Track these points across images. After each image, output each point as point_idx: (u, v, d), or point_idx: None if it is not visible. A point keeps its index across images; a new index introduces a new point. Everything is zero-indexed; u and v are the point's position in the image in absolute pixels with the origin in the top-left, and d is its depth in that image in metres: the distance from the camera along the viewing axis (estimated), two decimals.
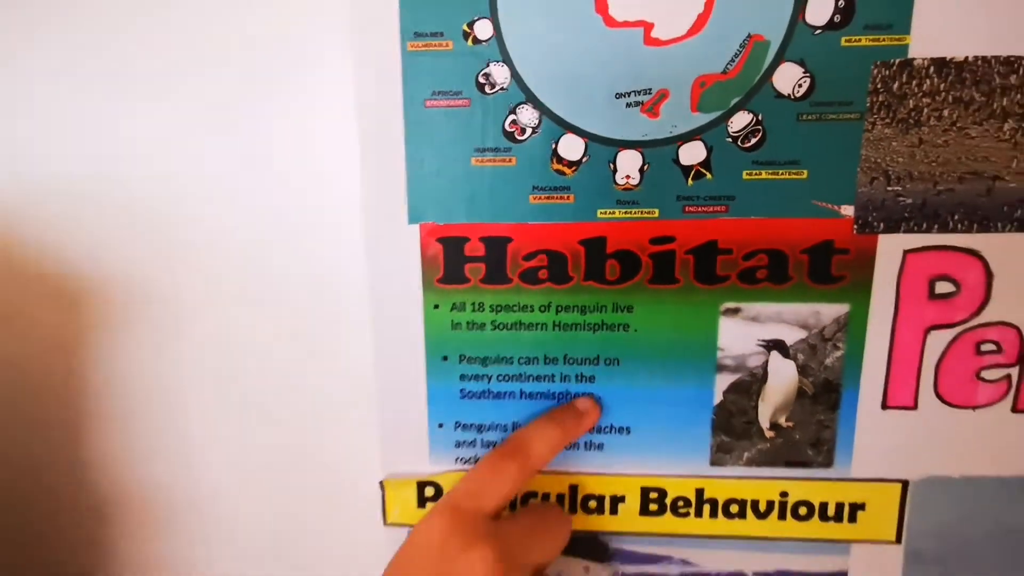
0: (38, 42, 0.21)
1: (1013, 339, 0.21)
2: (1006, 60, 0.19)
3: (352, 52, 0.20)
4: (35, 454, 0.25)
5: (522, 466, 0.20)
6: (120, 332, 0.23)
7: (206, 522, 0.25)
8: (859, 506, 0.22)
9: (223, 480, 0.25)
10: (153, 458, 0.24)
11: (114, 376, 0.24)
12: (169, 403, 0.24)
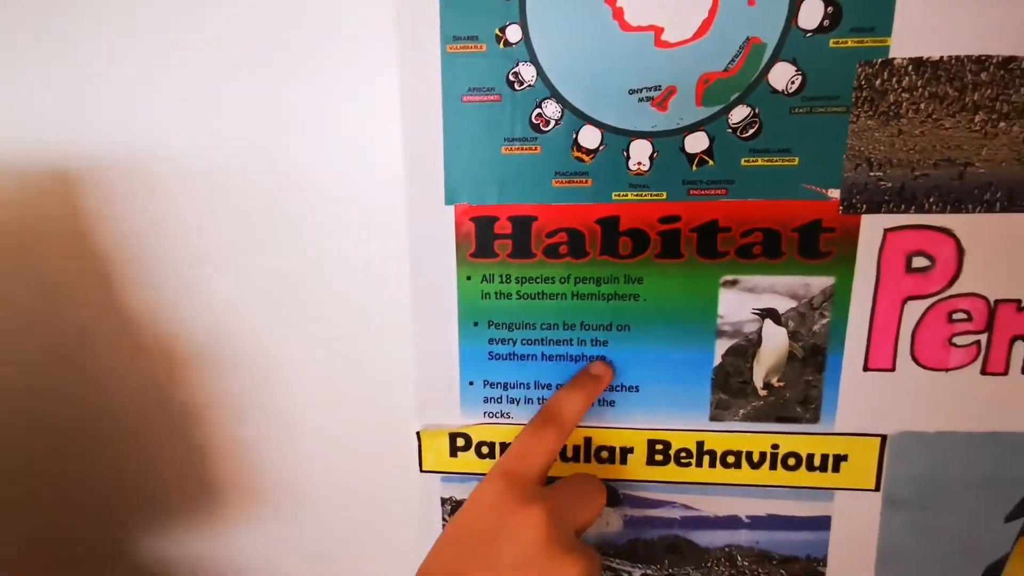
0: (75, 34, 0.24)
1: (982, 309, 0.23)
2: (977, 59, 0.21)
3: (397, 53, 0.23)
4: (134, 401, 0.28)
5: (558, 430, 0.23)
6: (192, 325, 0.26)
7: (262, 462, 0.28)
8: (842, 457, 0.25)
9: (280, 432, 0.28)
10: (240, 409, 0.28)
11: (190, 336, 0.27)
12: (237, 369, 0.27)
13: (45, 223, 0.26)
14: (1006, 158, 0.22)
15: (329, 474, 0.28)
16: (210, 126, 0.24)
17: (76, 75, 0.24)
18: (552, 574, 0.21)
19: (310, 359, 0.27)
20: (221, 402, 0.27)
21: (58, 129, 0.25)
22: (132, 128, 0.25)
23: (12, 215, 0.26)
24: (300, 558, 0.29)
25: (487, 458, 0.26)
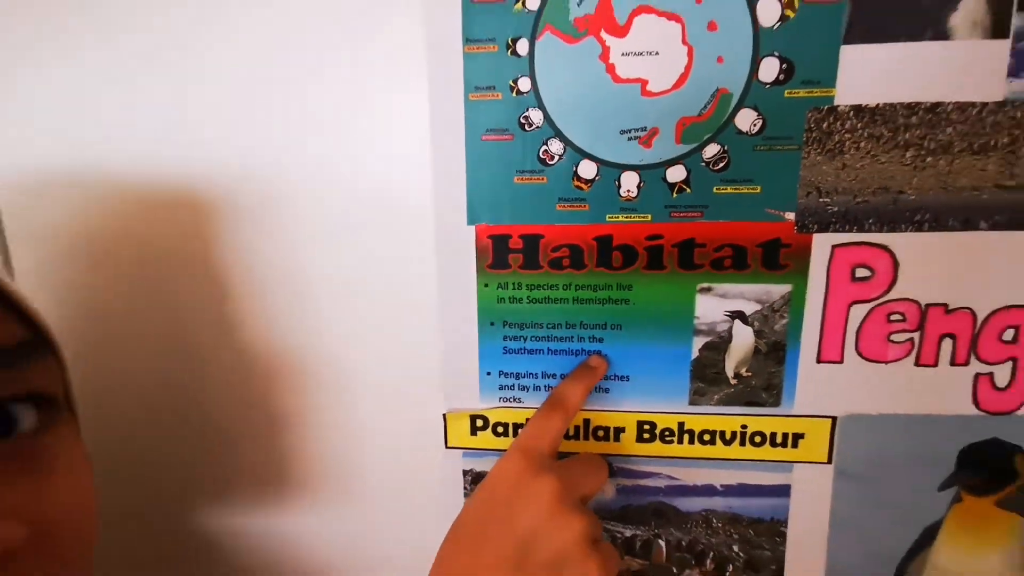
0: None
1: (915, 311, 0.28)
2: (908, 105, 0.26)
3: (429, 99, 0.27)
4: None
5: (564, 413, 0.28)
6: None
7: (312, 430, 0.33)
8: (799, 435, 0.30)
9: (332, 418, 0.33)
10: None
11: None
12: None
13: (168, 241, 0.31)
14: (933, 187, 0.27)
15: (371, 453, 0.33)
16: (293, 159, 0.29)
17: (200, 102, 0.29)
18: (561, 530, 0.26)
19: (356, 358, 0.31)
20: (292, 400, 0.32)
21: (179, 151, 0.30)
22: (238, 151, 0.30)
23: (139, 232, 0.31)
24: (344, 524, 0.34)
25: (502, 436, 0.31)
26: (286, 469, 0.34)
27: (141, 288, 0.31)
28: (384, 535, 0.34)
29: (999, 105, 0.25)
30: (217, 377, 0.32)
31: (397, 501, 0.33)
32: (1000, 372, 0.28)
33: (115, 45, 0.29)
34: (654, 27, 0.26)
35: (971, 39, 0.25)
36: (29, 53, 0.29)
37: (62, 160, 0.30)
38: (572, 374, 0.30)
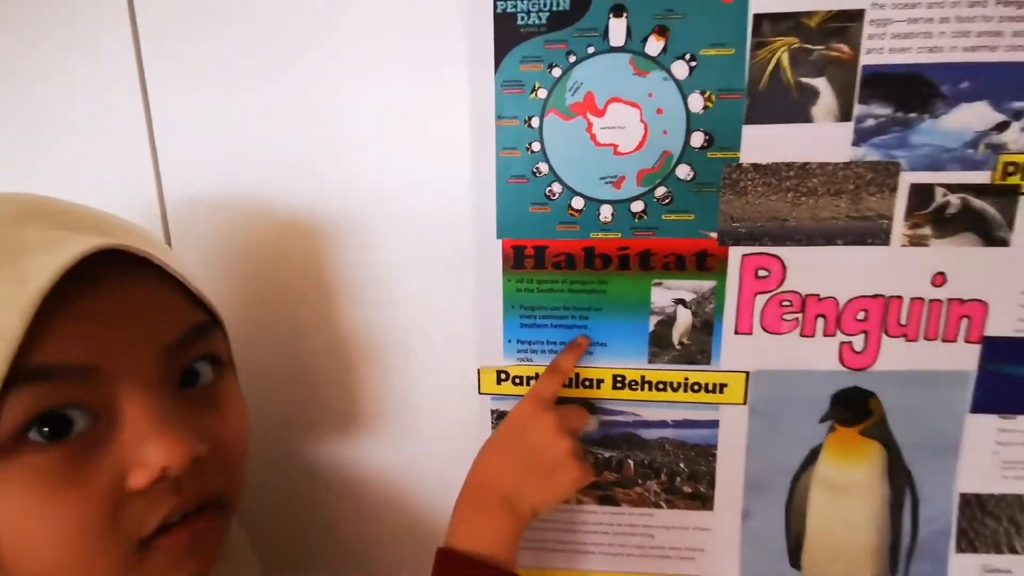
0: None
1: (798, 299, 0.41)
2: (786, 164, 0.39)
3: (471, 155, 0.41)
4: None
5: (560, 376, 0.42)
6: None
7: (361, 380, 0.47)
8: (724, 385, 0.43)
9: (398, 375, 0.46)
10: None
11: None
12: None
13: (288, 248, 0.44)
14: (805, 217, 0.40)
15: (424, 398, 0.46)
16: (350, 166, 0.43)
17: (313, 145, 0.43)
18: (556, 446, 0.39)
19: (415, 332, 0.45)
20: (369, 362, 0.46)
21: (298, 183, 0.43)
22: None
23: (269, 242, 0.44)
24: (401, 448, 0.48)
25: (519, 385, 0.45)
26: (362, 410, 0.47)
27: (269, 285, 0.45)
28: (431, 457, 0.48)
29: (846, 164, 0.39)
30: (318, 346, 0.46)
31: (441, 433, 0.47)
32: (857, 341, 0.42)
33: (257, 97, 0.42)
34: (622, 111, 0.39)
35: (827, 122, 0.38)
36: (193, 99, 0.43)
37: (217, 187, 0.44)
38: (565, 348, 0.43)
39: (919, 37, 0.37)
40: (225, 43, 0.41)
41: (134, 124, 0.43)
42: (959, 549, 0.44)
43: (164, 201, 0.45)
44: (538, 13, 0.38)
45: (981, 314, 0.40)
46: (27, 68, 0.43)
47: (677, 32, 0.38)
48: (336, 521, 0.50)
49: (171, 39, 0.42)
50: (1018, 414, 0.42)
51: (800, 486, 0.45)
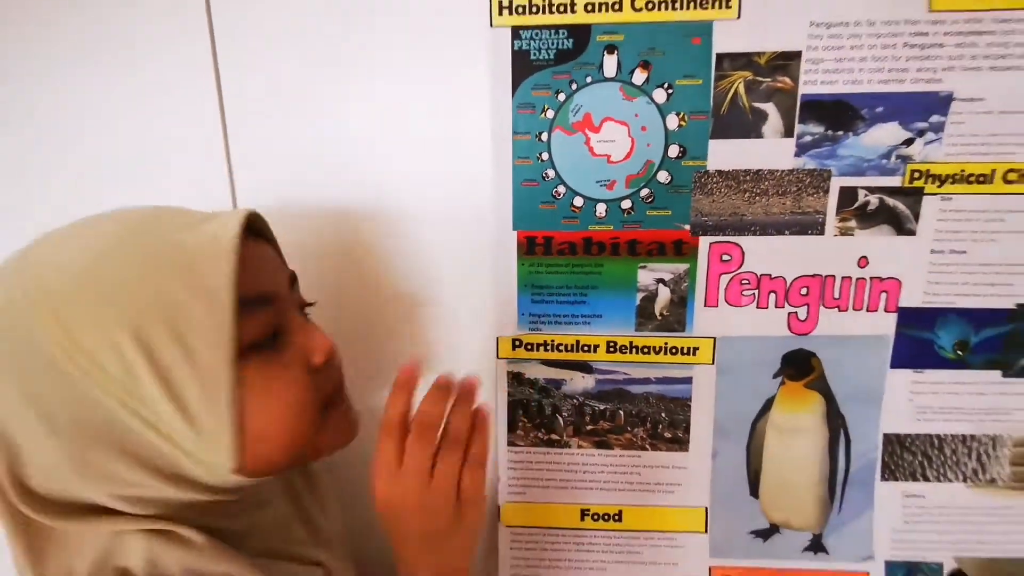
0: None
1: (754, 279, 0.52)
2: (743, 170, 0.49)
3: (493, 163, 0.51)
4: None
5: (392, 433, 0.42)
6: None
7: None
8: (696, 348, 0.54)
9: (437, 341, 0.56)
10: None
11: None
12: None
13: (342, 242, 0.54)
14: (759, 213, 0.50)
15: (452, 362, 0.56)
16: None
17: (358, 151, 0.52)
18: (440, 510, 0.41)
19: (447, 304, 0.55)
20: (410, 328, 0.56)
21: (350, 188, 0.53)
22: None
23: (328, 239, 0.54)
24: None
25: (530, 350, 0.55)
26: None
27: (330, 275, 0.55)
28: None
29: (790, 171, 0.49)
30: (367, 317, 0.56)
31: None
32: (801, 312, 0.52)
33: (322, 120, 0.52)
34: (613, 128, 0.49)
35: (774, 138, 0.49)
36: (276, 116, 0.52)
37: (289, 193, 0.53)
38: (392, 392, 0.43)
39: (844, 72, 0.47)
40: (288, 77, 0.51)
41: (213, 140, 0.52)
42: (883, 478, 0.55)
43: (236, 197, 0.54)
44: (547, 50, 0.48)
45: (896, 289, 0.51)
46: (115, 95, 0.52)
47: (657, 66, 0.48)
48: None
49: (248, 68, 0.51)
50: (927, 368, 0.53)
51: (757, 430, 0.55)
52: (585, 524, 0.57)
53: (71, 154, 0.53)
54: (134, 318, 0.32)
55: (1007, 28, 0.46)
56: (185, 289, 0.33)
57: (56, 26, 0.51)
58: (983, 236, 0.49)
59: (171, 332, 0.32)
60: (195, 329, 0.33)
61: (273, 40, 0.50)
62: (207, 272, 0.33)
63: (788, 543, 0.56)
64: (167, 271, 0.33)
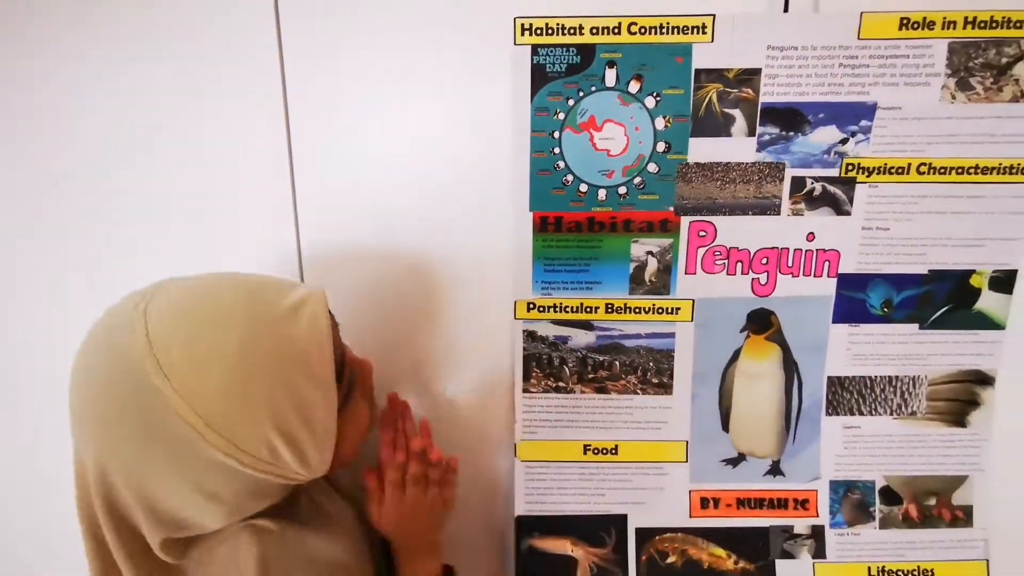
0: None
1: (725, 251, 0.64)
2: (715, 162, 0.62)
3: (514, 156, 0.62)
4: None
5: None
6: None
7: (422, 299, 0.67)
8: (678, 308, 0.66)
9: (454, 316, 0.67)
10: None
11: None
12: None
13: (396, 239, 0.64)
14: (728, 197, 0.62)
15: (479, 321, 0.67)
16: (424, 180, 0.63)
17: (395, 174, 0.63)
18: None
19: (471, 278, 0.66)
20: (444, 298, 0.66)
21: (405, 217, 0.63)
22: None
23: (373, 232, 0.64)
24: (455, 355, 0.68)
25: (543, 312, 0.66)
26: (439, 331, 0.68)
27: (377, 254, 0.65)
28: (478, 359, 0.68)
29: (752, 163, 0.61)
30: (410, 291, 0.66)
31: (486, 344, 0.68)
32: (762, 278, 0.65)
33: (375, 145, 0.62)
34: (613, 128, 0.61)
35: (740, 137, 0.61)
36: (333, 150, 0.62)
37: (348, 189, 0.63)
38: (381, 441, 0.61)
39: (794, 86, 0.59)
40: (349, 92, 0.61)
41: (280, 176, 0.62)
42: (827, 413, 0.68)
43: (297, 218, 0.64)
44: (559, 64, 0.60)
45: (836, 259, 0.64)
46: (188, 130, 0.62)
47: (648, 79, 0.60)
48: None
49: (317, 106, 0.61)
50: (861, 323, 0.66)
51: (728, 376, 0.67)
52: (587, 457, 0.69)
53: (149, 182, 0.63)
54: (275, 415, 0.42)
55: (918, 52, 0.59)
56: (306, 381, 0.44)
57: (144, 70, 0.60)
58: (902, 216, 0.63)
59: (299, 416, 0.44)
60: (314, 410, 0.44)
61: (339, 64, 0.61)
62: (316, 362, 0.44)
63: (753, 468, 0.69)
64: (290, 370, 0.43)
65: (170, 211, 0.64)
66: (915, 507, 0.69)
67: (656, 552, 0.69)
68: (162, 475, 0.41)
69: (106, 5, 0.60)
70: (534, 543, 0.69)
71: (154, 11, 0.60)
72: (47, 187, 0.64)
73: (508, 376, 0.67)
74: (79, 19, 0.60)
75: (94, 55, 0.61)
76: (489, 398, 0.68)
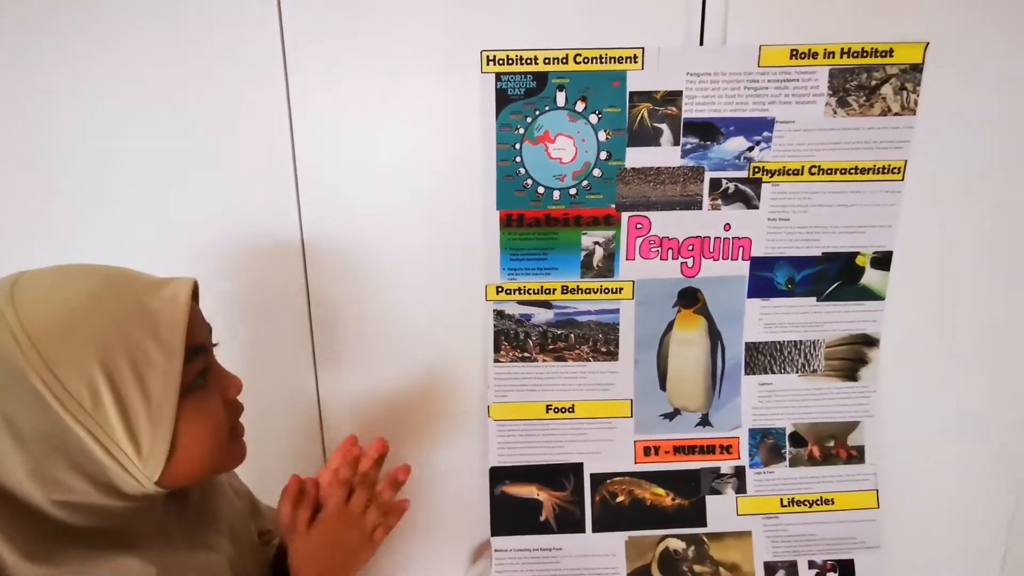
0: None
1: (659, 240, 0.77)
2: (649, 167, 0.75)
3: (483, 163, 0.74)
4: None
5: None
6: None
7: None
8: (621, 288, 0.79)
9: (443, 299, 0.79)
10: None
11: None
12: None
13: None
14: (660, 196, 0.76)
15: (453, 304, 0.79)
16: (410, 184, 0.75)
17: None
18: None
19: (442, 269, 0.78)
20: (422, 286, 0.78)
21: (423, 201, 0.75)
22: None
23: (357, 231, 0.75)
24: (433, 333, 0.80)
25: (509, 295, 0.78)
26: (413, 314, 0.80)
27: (374, 244, 0.77)
28: (454, 337, 0.81)
29: (678, 167, 0.75)
30: (397, 269, 0.78)
31: (462, 324, 0.80)
32: (689, 262, 0.78)
33: (368, 137, 0.74)
34: (564, 140, 0.74)
35: (668, 147, 0.74)
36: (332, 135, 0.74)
37: (349, 185, 0.75)
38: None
39: (709, 104, 0.73)
40: (347, 104, 0.72)
41: (281, 151, 0.73)
42: (746, 373, 0.82)
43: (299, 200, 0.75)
44: (519, 88, 0.72)
45: (748, 245, 0.78)
46: (191, 109, 0.72)
47: (591, 100, 0.73)
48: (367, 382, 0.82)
49: (318, 88, 0.72)
50: (770, 297, 0.80)
51: (664, 344, 0.81)
52: (549, 416, 0.82)
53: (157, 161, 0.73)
54: (106, 357, 0.39)
55: (806, 77, 0.73)
56: (149, 339, 0.41)
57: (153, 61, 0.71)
58: (799, 209, 0.77)
59: (133, 371, 0.40)
60: (152, 371, 0.41)
61: (341, 80, 0.72)
62: (166, 328, 0.42)
63: (686, 421, 0.83)
64: (135, 323, 0.41)
65: (174, 212, 0.75)
66: (818, 448, 0.84)
67: (607, 493, 0.83)
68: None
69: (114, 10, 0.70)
70: (505, 489, 0.82)
71: (164, 19, 0.70)
72: (54, 188, 0.74)
73: (481, 348, 0.80)
74: (83, 25, 0.70)
75: (100, 59, 0.71)
76: (465, 367, 0.80)
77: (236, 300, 0.77)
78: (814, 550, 0.83)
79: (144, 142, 0.72)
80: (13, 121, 0.71)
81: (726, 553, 0.83)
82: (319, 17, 0.70)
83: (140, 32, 0.69)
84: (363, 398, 0.82)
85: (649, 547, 0.83)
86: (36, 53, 0.69)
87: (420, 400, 0.82)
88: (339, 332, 0.79)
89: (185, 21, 0.69)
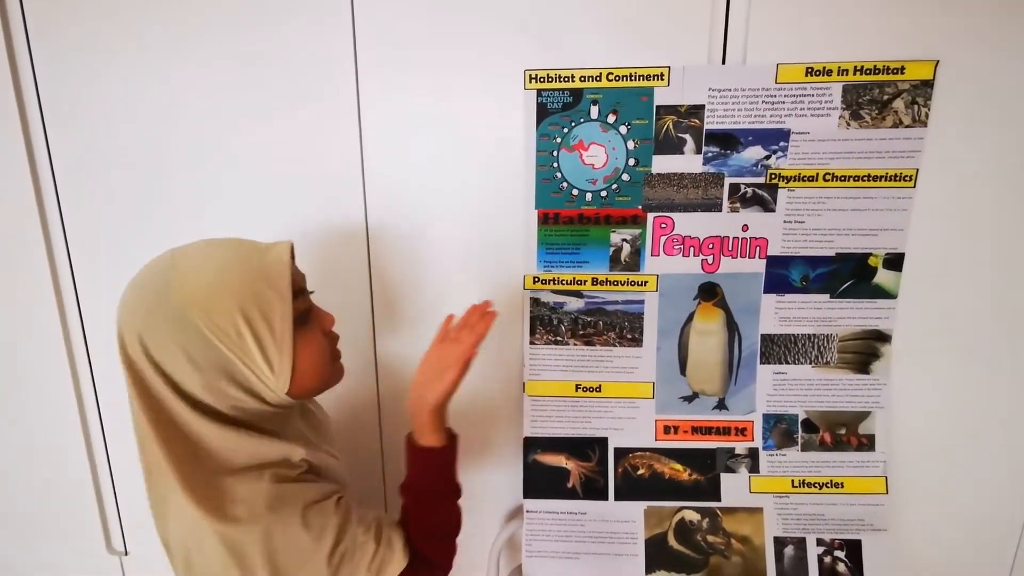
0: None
1: (681, 239, 0.86)
2: (674, 173, 0.83)
3: (524, 169, 0.84)
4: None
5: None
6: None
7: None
8: (646, 282, 0.87)
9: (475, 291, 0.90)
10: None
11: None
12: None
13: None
14: (683, 199, 0.84)
15: (493, 294, 0.90)
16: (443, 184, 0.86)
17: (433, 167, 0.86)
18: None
19: (489, 259, 0.88)
20: (471, 275, 0.89)
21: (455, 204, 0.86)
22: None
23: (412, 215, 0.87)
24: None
25: (545, 284, 0.88)
26: (469, 295, 0.91)
27: (431, 238, 0.88)
28: (497, 322, 0.91)
29: (700, 174, 0.83)
30: (447, 260, 0.89)
31: (503, 310, 0.90)
32: (709, 259, 0.86)
33: (428, 142, 0.85)
34: (597, 148, 0.83)
35: (691, 155, 0.82)
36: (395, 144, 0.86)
37: (414, 180, 0.87)
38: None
39: (730, 116, 0.81)
40: (411, 115, 0.84)
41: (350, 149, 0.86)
42: (761, 362, 0.89)
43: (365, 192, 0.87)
44: (557, 103, 0.82)
45: (765, 245, 0.86)
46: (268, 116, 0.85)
47: (622, 113, 0.82)
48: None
49: (386, 98, 0.84)
50: (785, 293, 0.87)
51: (684, 333, 0.89)
52: (578, 394, 0.92)
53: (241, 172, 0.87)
54: (243, 304, 0.55)
55: (820, 92, 0.79)
56: (268, 289, 0.57)
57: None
58: (813, 212, 0.84)
59: (261, 313, 0.56)
60: (273, 312, 0.56)
61: (409, 103, 0.84)
62: (277, 279, 0.57)
63: (704, 404, 0.91)
64: (258, 278, 0.57)
65: (267, 202, 0.88)
66: (829, 435, 0.90)
67: (629, 466, 0.92)
68: (166, 341, 0.55)
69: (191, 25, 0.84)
70: (537, 458, 0.92)
71: (245, 39, 0.83)
72: (176, 179, 0.89)
73: (519, 332, 0.90)
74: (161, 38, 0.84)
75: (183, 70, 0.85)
76: (504, 347, 0.91)
77: (312, 274, 0.90)
78: (822, 529, 0.90)
79: (245, 152, 0.86)
80: (140, 116, 0.87)
81: (738, 526, 0.91)
82: (389, 36, 0.82)
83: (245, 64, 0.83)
84: (413, 362, 0.93)
85: (666, 516, 0.91)
86: (149, 68, 0.84)
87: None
88: (396, 306, 0.91)
89: (273, 53, 0.83)
